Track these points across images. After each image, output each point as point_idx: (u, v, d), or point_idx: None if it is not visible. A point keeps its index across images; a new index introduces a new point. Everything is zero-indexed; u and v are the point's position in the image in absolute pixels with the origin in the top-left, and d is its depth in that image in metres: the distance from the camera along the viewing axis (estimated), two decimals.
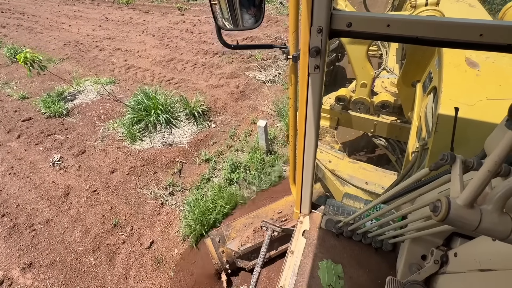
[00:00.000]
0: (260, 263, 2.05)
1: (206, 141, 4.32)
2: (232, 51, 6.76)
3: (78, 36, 8.88)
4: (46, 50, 7.99)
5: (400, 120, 2.98)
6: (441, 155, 0.71)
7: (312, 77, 1.00)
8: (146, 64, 6.64)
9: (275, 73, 5.81)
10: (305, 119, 1.15)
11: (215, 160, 3.93)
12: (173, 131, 4.51)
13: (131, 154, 4.12)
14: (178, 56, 6.91)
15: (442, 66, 1.70)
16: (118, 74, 6.31)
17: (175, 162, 3.98)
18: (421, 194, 0.90)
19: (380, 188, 2.33)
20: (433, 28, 0.74)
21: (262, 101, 5.14)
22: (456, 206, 0.58)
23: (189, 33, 8.22)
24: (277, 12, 9.26)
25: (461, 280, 0.86)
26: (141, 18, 10.04)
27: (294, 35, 1.06)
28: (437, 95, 1.63)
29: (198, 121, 4.64)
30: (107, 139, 4.48)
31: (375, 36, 0.84)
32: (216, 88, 5.53)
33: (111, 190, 3.61)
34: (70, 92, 5.76)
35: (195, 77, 6.01)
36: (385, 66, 3.76)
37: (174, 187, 3.63)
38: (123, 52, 7.40)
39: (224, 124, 4.67)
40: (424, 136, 1.77)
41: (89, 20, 10.52)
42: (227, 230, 2.54)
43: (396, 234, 1.23)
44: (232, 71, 5.96)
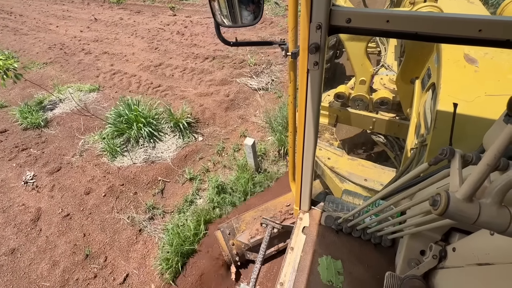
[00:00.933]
0: (260, 259, 2.07)
1: (191, 156, 4.02)
2: (223, 56, 6.44)
3: (64, 38, 8.51)
4: (30, 53, 7.63)
5: (399, 117, 2.97)
6: (440, 150, 0.71)
7: (311, 74, 1.00)
8: (133, 70, 6.31)
9: (268, 80, 5.50)
10: (305, 116, 1.14)
11: (200, 179, 3.64)
12: (157, 145, 4.21)
13: (110, 172, 3.81)
14: (167, 60, 6.58)
15: (440, 63, 1.68)
16: (102, 81, 5.98)
17: (157, 181, 3.69)
18: (420, 189, 0.90)
19: (379, 185, 2.32)
20: (432, 24, 0.73)
21: (253, 110, 4.83)
22: (455, 200, 0.58)
23: (180, 35, 7.87)
24: (273, 13, 8.92)
25: (460, 274, 0.86)
26: (132, 19, 9.67)
27: (294, 31, 1.05)
28: (436, 91, 1.63)
29: (184, 134, 4.33)
30: (86, 154, 4.17)
31: (375, 32, 0.83)
32: (205, 96, 5.21)
33: (85, 215, 3.31)
34: (50, 101, 5.43)
35: (184, 84, 5.69)
36: (383, 63, 3.72)
37: (155, 210, 3.33)
38: (110, 56, 7.06)
39: (212, 137, 4.36)
40: (423, 133, 1.77)
41: (78, 20, 10.14)
42: (237, 223, 2.54)
43: (395, 229, 1.23)
44: (223, 78, 5.64)
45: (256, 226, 2.45)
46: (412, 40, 1.01)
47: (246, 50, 6.66)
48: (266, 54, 6.45)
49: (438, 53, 1.81)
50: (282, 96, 5.07)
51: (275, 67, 5.97)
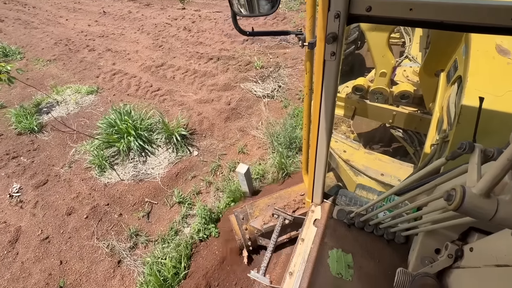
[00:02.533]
0: (270, 249, 2.09)
1: (183, 174, 3.69)
2: (228, 56, 5.98)
3: (71, 33, 8.34)
4: (36, 49, 7.52)
5: (421, 111, 2.83)
6: (459, 144, 0.69)
7: (327, 64, 0.97)
8: (134, 70, 6.01)
9: (274, 86, 5.02)
10: (320, 107, 1.12)
11: (190, 203, 3.30)
12: (148, 159, 3.90)
13: (95, 189, 3.56)
14: (169, 60, 6.22)
15: (469, 54, 1.59)
16: (102, 82, 5.73)
17: (144, 202, 3.39)
18: (437, 185, 0.87)
19: (396, 180, 2.25)
20: (460, 12, 0.68)
21: (255, 122, 4.40)
22: (471, 195, 0.58)
23: (187, 32, 7.47)
24: (286, 7, 8.28)
25: (476, 274, 0.84)
26: (140, 13, 9.34)
27: (311, 20, 1.04)
28: (462, 84, 1.55)
29: (179, 147, 3.99)
30: (75, 166, 3.95)
31: (397, 21, 0.79)
32: (205, 103, 4.83)
33: (65, 239, 3.07)
34: (48, 103, 5.25)
35: (184, 88, 5.32)
36: (407, 54, 3.55)
37: (138, 237, 3.05)
38: (113, 53, 6.79)
39: (208, 152, 4.00)
40: (445, 128, 1.71)
41: (87, 13, 9.95)
42: (251, 209, 2.55)
43: (410, 226, 1.22)
44: (226, 82, 5.21)
45: (269, 212, 2.44)
46: (438, 30, 0.88)
47: (254, 50, 6.16)
48: (275, 56, 5.93)
49: (467, 44, 1.68)
50: (288, 106, 4.59)
51: (284, 71, 5.46)
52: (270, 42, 6.42)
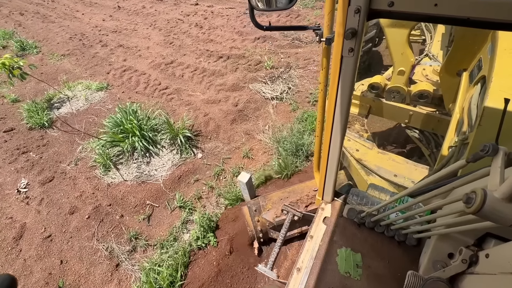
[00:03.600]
0: (279, 244, 2.08)
1: (186, 177, 3.63)
2: (238, 55, 5.85)
3: (86, 28, 8.45)
4: (52, 43, 7.66)
5: (440, 112, 2.75)
6: (482, 146, 0.67)
7: (345, 61, 0.95)
8: (144, 67, 5.99)
9: (284, 88, 4.85)
10: (334, 104, 1.11)
11: (191, 208, 3.24)
12: (152, 160, 3.87)
13: (99, 189, 3.56)
14: (179, 58, 6.17)
15: (495, 53, 1.52)
16: (112, 78, 5.75)
17: (145, 205, 3.36)
18: (455, 188, 0.85)
19: (410, 182, 2.20)
20: (487, 8, 0.64)
21: (262, 125, 4.27)
22: (492, 199, 0.56)
23: (198, 28, 7.38)
24: (301, 3, 8.01)
25: (491, 282, 0.82)
26: (153, 8, 9.33)
27: (330, 15, 1.02)
28: (486, 85, 1.50)
29: (183, 148, 3.94)
30: (81, 163, 3.97)
31: (420, 17, 0.75)
32: (212, 104, 4.74)
33: (66, 238, 3.09)
34: (59, 98, 5.33)
35: (192, 87, 5.25)
36: (428, 52, 3.43)
37: (138, 240, 3.02)
38: (124, 49, 6.81)
39: (212, 155, 3.92)
40: (465, 130, 1.67)
41: (103, 8, 10.05)
42: (264, 201, 2.55)
43: (423, 229, 1.20)
44: (235, 82, 5.10)
45: (282, 206, 2.40)
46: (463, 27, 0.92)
47: (265, 49, 6.00)
48: (287, 55, 5.74)
49: (494, 42, 1.61)
50: (297, 110, 4.42)
51: (295, 72, 5.28)
52: (282, 41, 6.23)
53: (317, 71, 5.23)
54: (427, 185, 0.97)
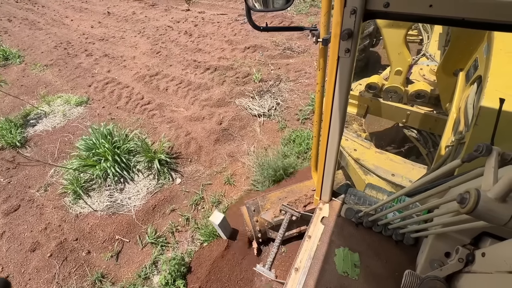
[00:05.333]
0: (277, 244, 2.08)
1: (161, 207, 3.34)
2: (226, 67, 5.56)
3: (73, 35, 8.18)
4: (36, 52, 7.39)
5: (437, 112, 2.76)
6: (476, 146, 0.68)
7: (341, 61, 0.96)
8: (127, 79, 5.71)
9: (272, 104, 4.56)
10: (331, 105, 1.12)
11: (164, 245, 2.95)
12: (126, 187, 3.58)
13: (66, 220, 3.28)
14: (165, 69, 5.88)
15: (490, 53, 1.53)
16: (93, 92, 5.47)
17: (114, 239, 3.07)
18: (451, 187, 0.87)
19: (407, 181, 2.20)
20: (482, 9, 0.65)
21: (247, 146, 3.98)
22: (486, 198, 0.57)
23: (187, 36, 7.09)
24: (295, 10, 7.72)
25: (487, 280, 0.84)
26: (144, 14, 9.06)
27: (326, 16, 1.03)
28: (482, 85, 1.50)
29: (161, 173, 3.64)
30: (51, 189, 3.69)
31: (415, 17, 0.76)
32: (196, 121, 4.45)
33: (25, 280, 2.81)
34: (37, 114, 5.05)
35: (176, 102, 4.96)
36: (425, 52, 3.44)
37: (103, 283, 2.73)
38: (109, 59, 6.53)
39: (192, 180, 3.63)
40: (461, 130, 1.68)
41: (93, 14, 9.79)
42: (262, 201, 2.54)
43: (420, 228, 1.21)
44: (221, 97, 4.80)
45: (280, 206, 2.39)
46: (459, 27, 0.84)
47: (254, 60, 5.71)
48: (277, 67, 5.45)
49: (489, 42, 1.63)
50: (285, 128, 4.13)
51: (285, 85, 4.98)
52: (273, 50, 5.93)
53: (308, 84, 4.93)
54: (423, 185, 0.97)
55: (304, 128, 4.09)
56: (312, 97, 4.52)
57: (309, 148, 3.70)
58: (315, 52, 5.79)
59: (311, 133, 3.94)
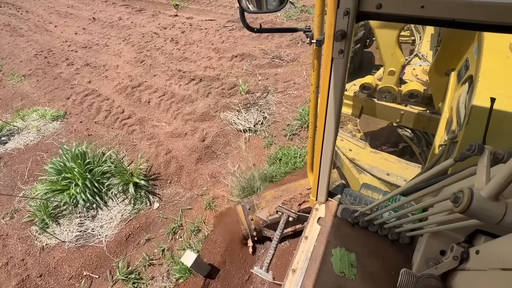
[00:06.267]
0: (274, 245, 2.07)
1: (136, 236, 3.08)
2: (212, 77, 5.31)
3: (56, 42, 7.86)
4: (15, 61, 7.07)
5: (430, 111, 2.79)
6: (468, 145, 0.69)
7: (335, 62, 0.97)
8: (108, 91, 5.43)
9: (259, 118, 4.33)
10: (326, 105, 1.13)
11: (137, 279, 2.69)
12: (99, 213, 3.31)
13: (30, 253, 3.00)
14: (149, 79, 5.62)
15: (481, 53, 1.56)
16: (71, 105, 5.18)
17: (82, 276, 2.80)
18: (444, 186, 0.88)
19: (402, 180, 2.22)
20: (472, 10, 0.66)
21: (231, 165, 3.74)
22: (479, 197, 0.57)
23: (174, 44, 6.83)
24: (285, 15, 7.51)
25: (481, 277, 0.85)
26: (130, 19, 8.77)
27: (320, 17, 1.04)
28: (473, 84, 1.51)
29: (138, 196, 3.38)
30: (18, 216, 3.40)
31: (407, 18, 0.78)
32: (177, 138, 4.19)
33: None
34: (9, 130, 4.75)
35: (158, 116, 4.70)
36: (417, 52, 3.46)
37: None
38: (91, 69, 6.24)
39: (171, 204, 3.37)
40: (454, 129, 1.69)
41: (77, 19, 9.47)
42: (258, 200, 2.54)
43: (415, 227, 1.23)
44: (205, 111, 4.56)
45: (276, 205, 2.40)
46: (450, 28, 0.87)
47: (241, 70, 5.47)
48: (265, 77, 5.22)
49: (480, 43, 1.63)
50: (272, 145, 3.90)
51: (272, 97, 4.76)
52: (261, 59, 5.71)
53: (297, 96, 4.72)
54: (418, 184, 0.98)
55: (292, 145, 3.87)
56: (300, 111, 4.31)
57: (296, 168, 3.49)
58: (305, 61, 5.58)
59: (299, 151, 3.72)
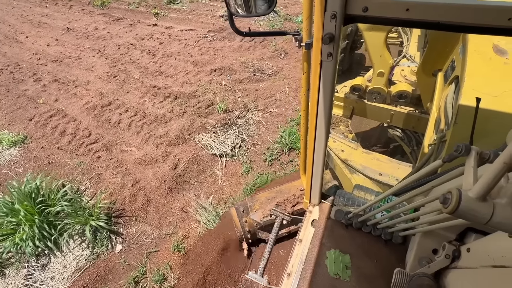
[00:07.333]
0: (268, 249, 2.05)
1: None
2: (188, 94, 4.97)
3: (25, 55, 7.37)
4: None
5: (419, 111, 2.83)
6: (456, 146, 0.70)
7: (324, 65, 0.99)
8: (75, 110, 5.01)
9: (237, 140, 4.00)
10: (317, 108, 1.14)
11: None
12: (52, 261, 2.91)
13: None
14: (121, 96, 5.22)
15: (466, 54, 1.59)
16: (33, 128, 4.74)
17: None
18: (433, 187, 0.89)
19: (394, 180, 2.24)
20: (456, 12, 0.69)
21: (205, 196, 3.39)
22: (467, 198, 0.57)
23: (150, 56, 6.46)
24: (268, 24, 7.25)
25: (473, 275, 0.86)
26: (107, 29, 8.35)
27: (308, 21, 1.06)
28: (459, 84, 1.55)
29: (98, 238, 3.00)
30: None
31: (393, 21, 0.81)
32: (147, 165, 3.82)
33: None
34: None
35: (128, 139, 4.32)
36: (405, 53, 3.54)
37: None
38: (59, 85, 5.80)
39: (135, 246, 3.00)
40: (442, 128, 1.72)
41: (51, 29, 8.98)
42: (251, 202, 2.54)
43: (407, 227, 1.25)
44: (179, 133, 4.20)
45: (269, 206, 2.40)
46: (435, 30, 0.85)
47: (220, 85, 5.15)
48: (245, 93, 4.91)
49: (464, 44, 1.67)
50: (250, 172, 3.57)
51: (252, 115, 4.44)
52: (242, 73, 5.40)
53: (278, 114, 4.42)
54: (409, 184, 0.98)
55: (271, 171, 3.55)
56: (281, 132, 4.00)
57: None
58: (288, 74, 5.31)
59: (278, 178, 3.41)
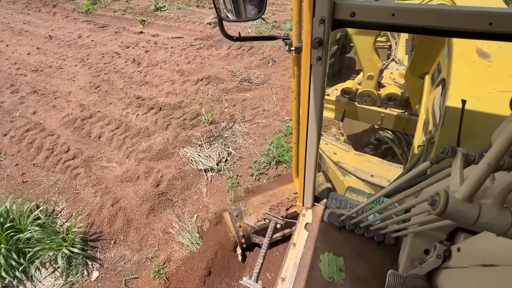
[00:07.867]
0: (262, 254, 2.05)
1: None
2: (174, 105, 4.80)
3: (4, 65, 7.07)
4: None
5: (408, 113, 2.90)
6: (442, 148, 0.72)
7: (314, 69, 1.01)
8: (54, 124, 4.78)
9: (223, 154, 3.86)
10: (308, 112, 1.16)
11: None
12: None
13: None
14: (103, 108, 5.02)
15: (451, 57, 1.65)
16: (7, 143, 4.48)
17: None
18: (422, 188, 0.90)
19: (386, 181, 2.27)
20: (440, 17, 0.72)
21: (189, 215, 3.22)
22: (454, 200, 0.58)
23: (135, 65, 6.28)
24: (256, 31, 7.17)
25: (464, 275, 0.87)
26: (91, 37, 8.12)
27: (297, 25, 1.07)
28: (446, 87, 1.59)
29: (73, 264, 2.79)
30: None
31: (380, 26, 0.83)
32: (128, 182, 3.63)
33: None
34: None
35: (109, 154, 4.12)
36: (394, 57, 3.64)
37: None
38: (38, 97, 5.56)
39: (113, 272, 2.80)
40: (431, 129, 1.76)
41: (33, 37, 8.69)
42: (245, 206, 2.54)
43: (399, 228, 1.25)
44: (162, 147, 4.03)
45: (263, 210, 2.38)
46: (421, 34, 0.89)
47: (207, 95, 5.01)
48: (232, 103, 4.78)
49: (449, 48, 1.73)
50: (237, 187, 3.43)
51: (239, 127, 4.31)
52: (229, 82, 5.27)
53: (266, 125, 4.30)
54: (400, 186, 1.00)
55: (259, 184, 3.41)
56: (268, 143, 3.89)
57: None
58: (276, 83, 5.21)
59: None
